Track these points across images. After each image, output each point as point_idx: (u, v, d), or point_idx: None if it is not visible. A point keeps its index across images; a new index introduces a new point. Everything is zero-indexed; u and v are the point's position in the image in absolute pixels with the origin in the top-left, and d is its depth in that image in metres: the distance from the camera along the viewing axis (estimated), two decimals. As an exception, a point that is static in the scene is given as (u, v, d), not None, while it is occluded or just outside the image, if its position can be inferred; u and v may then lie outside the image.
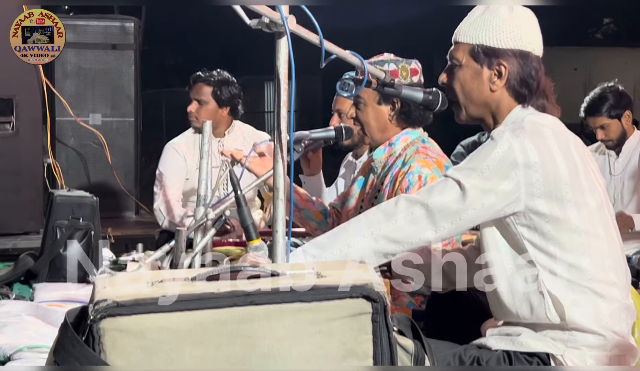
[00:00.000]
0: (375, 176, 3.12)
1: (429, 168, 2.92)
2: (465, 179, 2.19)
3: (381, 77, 2.53)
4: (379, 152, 3.10)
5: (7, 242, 4.68)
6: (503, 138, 2.20)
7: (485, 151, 2.22)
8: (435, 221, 2.20)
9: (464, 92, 2.37)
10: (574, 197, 2.19)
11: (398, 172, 2.98)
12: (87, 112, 6.59)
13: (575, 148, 2.28)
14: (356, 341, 1.48)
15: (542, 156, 2.18)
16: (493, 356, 2.24)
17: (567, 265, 2.19)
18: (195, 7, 16.86)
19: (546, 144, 2.21)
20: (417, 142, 3.06)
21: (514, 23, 2.30)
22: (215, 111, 4.57)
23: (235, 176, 2.48)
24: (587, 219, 2.21)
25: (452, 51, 2.38)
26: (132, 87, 6.75)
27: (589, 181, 2.25)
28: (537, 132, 2.23)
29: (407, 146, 3.05)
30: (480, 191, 2.18)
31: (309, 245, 2.34)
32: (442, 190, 2.21)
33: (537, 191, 2.17)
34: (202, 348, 1.42)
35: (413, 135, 3.08)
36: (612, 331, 2.21)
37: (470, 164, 2.22)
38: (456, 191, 2.19)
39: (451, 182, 2.21)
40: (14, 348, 2.05)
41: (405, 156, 3.02)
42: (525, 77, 2.30)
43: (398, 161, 3.02)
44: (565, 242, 2.19)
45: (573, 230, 2.19)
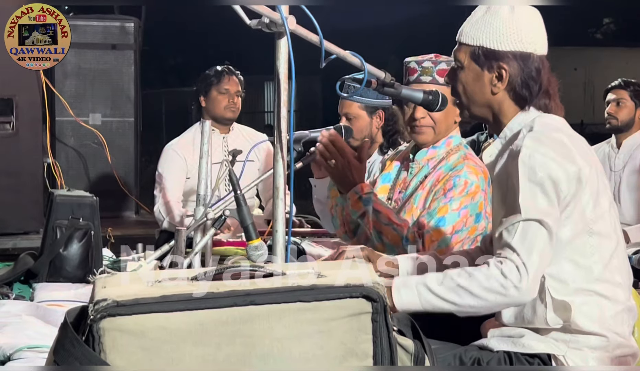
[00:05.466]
0: (410, 176, 3.10)
1: (476, 176, 2.91)
2: (545, 217, 2.15)
3: (381, 77, 2.53)
4: (421, 153, 3.08)
5: (7, 242, 4.68)
6: (530, 156, 2.15)
7: (524, 178, 2.16)
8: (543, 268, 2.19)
9: (466, 93, 2.36)
10: (591, 198, 2.19)
11: (443, 174, 2.97)
12: (87, 112, 6.59)
13: (589, 149, 2.28)
14: (356, 341, 1.48)
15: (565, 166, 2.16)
16: (494, 357, 2.23)
17: (576, 266, 2.19)
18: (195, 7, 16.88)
19: (566, 149, 2.19)
20: (461, 147, 3.06)
21: (515, 24, 2.28)
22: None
23: (234, 176, 2.48)
24: (601, 220, 2.21)
25: (455, 51, 2.38)
26: (132, 87, 6.75)
27: (602, 181, 2.25)
28: (552, 138, 2.20)
29: (450, 151, 3.04)
30: (553, 218, 2.16)
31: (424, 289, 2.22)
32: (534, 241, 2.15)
33: (567, 203, 2.18)
34: (202, 348, 1.42)
35: (456, 140, 3.08)
36: (614, 333, 2.21)
37: (531, 196, 2.16)
38: (544, 234, 2.15)
39: (536, 225, 2.15)
40: (14, 347, 2.05)
41: (452, 160, 3.01)
42: (526, 80, 2.29)
43: (442, 164, 3.01)
44: (578, 243, 2.19)
45: (587, 231, 2.20)
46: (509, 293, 2.14)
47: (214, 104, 4.65)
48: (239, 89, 4.69)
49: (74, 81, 6.59)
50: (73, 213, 2.99)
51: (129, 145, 6.74)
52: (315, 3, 2.16)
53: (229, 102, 4.64)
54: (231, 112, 4.67)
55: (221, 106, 4.64)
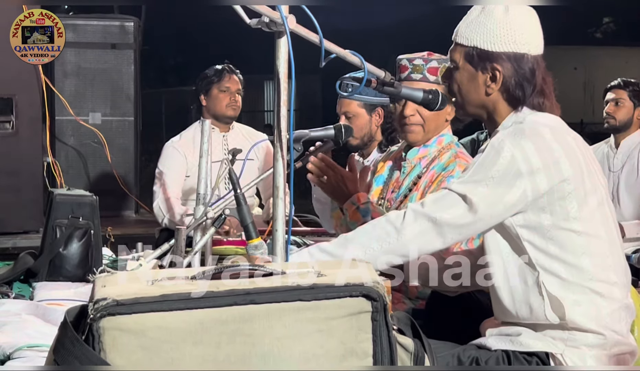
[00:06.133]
0: (403, 175, 3.11)
1: None
2: (471, 193, 2.19)
3: (381, 76, 2.53)
4: (412, 152, 3.09)
5: (6, 241, 4.68)
6: (505, 147, 2.19)
7: (488, 161, 2.21)
8: (443, 234, 2.22)
9: (461, 93, 2.38)
10: (576, 196, 2.19)
11: (436, 174, 2.98)
12: (87, 111, 6.59)
13: (578, 146, 2.28)
14: (356, 340, 1.48)
15: (544, 158, 2.18)
16: (492, 356, 2.23)
17: (567, 265, 2.19)
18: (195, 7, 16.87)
19: (547, 145, 2.21)
20: (452, 145, 3.07)
21: (509, 25, 2.28)
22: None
23: (234, 175, 2.48)
24: (589, 219, 2.21)
25: (450, 51, 2.39)
26: (132, 87, 6.74)
27: (591, 180, 2.25)
28: (537, 133, 2.23)
29: (442, 149, 3.05)
30: (487, 203, 2.18)
31: (316, 249, 2.33)
32: (449, 205, 2.21)
33: (541, 195, 2.18)
34: (202, 347, 1.42)
35: (447, 138, 3.09)
36: (612, 331, 2.21)
37: (475, 176, 2.21)
38: (462, 206, 2.19)
39: (456, 197, 2.21)
40: (14, 347, 2.05)
41: (444, 159, 3.01)
42: (520, 80, 2.29)
43: (435, 163, 3.02)
44: (566, 242, 2.19)
45: (573, 230, 2.19)
46: (391, 236, 2.22)
47: (214, 103, 4.66)
48: (239, 88, 4.70)
49: (74, 80, 6.59)
50: (73, 212, 2.99)
51: (128, 144, 6.73)
52: (315, 3, 2.16)
53: (229, 100, 4.65)
54: (232, 110, 4.68)
55: (222, 104, 4.65)
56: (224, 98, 4.65)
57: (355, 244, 2.27)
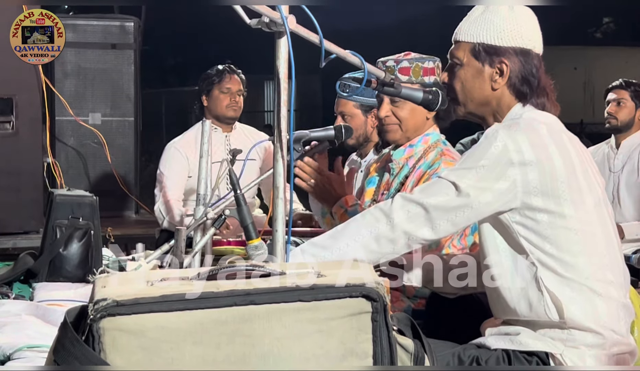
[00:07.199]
0: (392, 176, 3.12)
1: None
2: (460, 180, 2.20)
3: (381, 76, 2.53)
4: (398, 153, 3.11)
5: (6, 241, 4.67)
6: (497, 137, 2.21)
7: (479, 150, 2.22)
8: (432, 219, 2.22)
9: (464, 90, 2.38)
10: (571, 195, 2.20)
11: (423, 173, 2.99)
12: (87, 111, 6.58)
13: (573, 146, 2.28)
14: (356, 341, 1.48)
15: (537, 153, 2.19)
16: (492, 355, 2.24)
17: (563, 263, 2.20)
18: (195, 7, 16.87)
19: (542, 141, 2.21)
20: (439, 144, 3.08)
21: (515, 21, 2.32)
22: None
23: (234, 175, 2.48)
24: (584, 218, 2.22)
25: (452, 50, 2.40)
26: (132, 87, 6.74)
27: (587, 180, 2.25)
28: (532, 128, 2.24)
29: (428, 148, 3.06)
30: (476, 189, 2.19)
31: (308, 245, 2.34)
32: (438, 191, 2.22)
33: (533, 189, 2.18)
34: (202, 348, 1.42)
35: (434, 137, 3.10)
36: (610, 330, 2.21)
37: (465, 164, 2.23)
38: (452, 191, 2.20)
39: (445, 182, 2.22)
40: (14, 347, 2.04)
41: (430, 157, 3.02)
42: (526, 75, 2.32)
43: (421, 162, 3.03)
44: (562, 240, 2.20)
45: (569, 229, 2.20)
46: (380, 221, 2.23)
47: (216, 103, 4.66)
48: (240, 88, 4.70)
49: (74, 80, 6.58)
50: (73, 212, 2.99)
51: (128, 145, 6.73)
52: (315, 3, 2.16)
53: (230, 101, 4.65)
54: (233, 111, 4.68)
55: (223, 104, 4.65)
56: (225, 99, 4.65)
57: (345, 234, 2.28)
